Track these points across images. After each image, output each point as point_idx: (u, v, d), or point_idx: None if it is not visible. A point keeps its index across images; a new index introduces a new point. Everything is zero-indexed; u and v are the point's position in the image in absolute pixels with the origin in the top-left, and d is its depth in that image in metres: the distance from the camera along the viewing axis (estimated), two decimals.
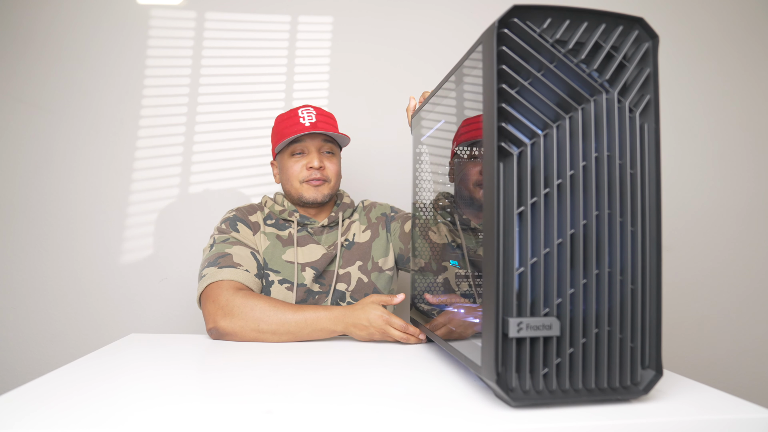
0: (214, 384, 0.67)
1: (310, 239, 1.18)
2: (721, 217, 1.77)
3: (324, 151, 1.19)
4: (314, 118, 1.16)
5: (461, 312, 0.78)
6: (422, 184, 0.98)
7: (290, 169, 1.18)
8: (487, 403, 0.58)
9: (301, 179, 1.17)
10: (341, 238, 1.20)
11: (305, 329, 0.95)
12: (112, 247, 1.57)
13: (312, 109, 1.19)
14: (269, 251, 1.15)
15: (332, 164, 1.19)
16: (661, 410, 0.56)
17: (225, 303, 0.96)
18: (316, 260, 1.15)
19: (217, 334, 0.96)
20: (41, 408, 0.55)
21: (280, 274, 1.13)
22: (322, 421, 0.53)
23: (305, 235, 1.18)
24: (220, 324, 0.95)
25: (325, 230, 1.21)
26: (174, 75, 1.62)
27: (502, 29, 0.55)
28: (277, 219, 1.20)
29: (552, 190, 0.55)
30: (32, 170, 1.56)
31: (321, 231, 1.20)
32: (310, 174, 1.16)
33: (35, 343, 1.54)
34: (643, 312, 0.57)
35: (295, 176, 1.17)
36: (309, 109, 1.19)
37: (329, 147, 1.20)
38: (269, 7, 1.65)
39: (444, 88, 0.82)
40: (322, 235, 1.20)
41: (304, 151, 1.18)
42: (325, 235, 1.20)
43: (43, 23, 1.58)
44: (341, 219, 1.22)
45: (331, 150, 1.20)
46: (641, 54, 0.58)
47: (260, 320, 0.94)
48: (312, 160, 1.16)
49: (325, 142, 1.19)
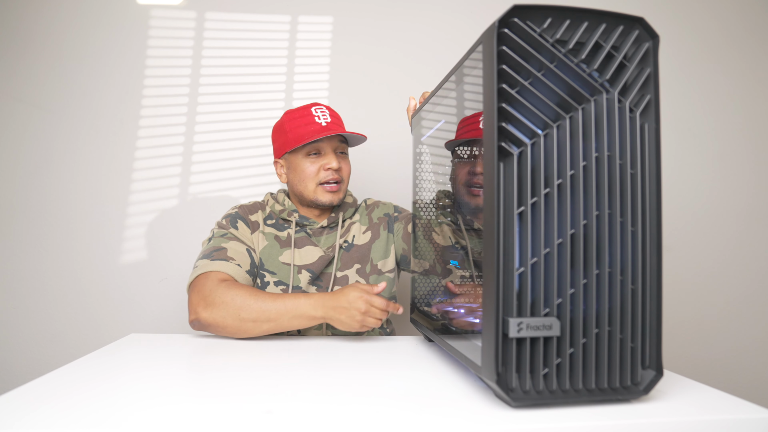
0: (214, 384, 0.67)
1: (308, 241, 1.17)
2: (721, 217, 1.77)
3: (339, 151, 1.18)
4: (329, 117, 1.15)
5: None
6: (422, 184, 0.98)
7: (306, 170, 1.15)
8: (487, 403, 0.58)
9: (318, 181, 1.15)
10: (340, 240, 1.18)
11: (285, 316, 0.93)
12: (112, 247, 1.57)
13: (324, 108, 1.17)
14: (266, 252, 1.14)
15: (346, 165, 1.18)
16: (661, 410, 0.56)
17: (208, 293, 0.95)
18: (313, 263, 1.14)
19: (198, 326, 0.95)
20: (41, 408, 0.55)
21: (276, 275, 1.13)
22: (322, 421, 0.53)
23: (303, 237, 1.17)
24: (201, 315, 0.94)
25: (325, 231, 1.19)
26: (174, 75, 1.62)
27: (503, 29, 0.55)
28: (277, 219, 1.19)
29: (552, 190, 0.55)
30: (32, 170, 1.56)
31: (321, 232, 1.19)
32: (328, 175, 1.14)
33: (35, 343, 1.54)
34: (643, 312, 0.57)
35: (311, 178, 1.15)
36: (322, 108, 1.17)
37: (343, 147, 1.19)
38: (269, 7, 1.65)
39: (444, 88, 0.82)
40: (322, 236, 1.19)
41: (320, 151, 1.15)
42: (325, 236, 1.19)
43: (43, 23, 1.58)
44: (341, 220, 1.20)
45: (344, 150, 1.19)
46: (641, 54, 0.58)
47: (241, 309, 0.93)
48: (330, 161, 1.14)
49: (340, 143, 1.18)
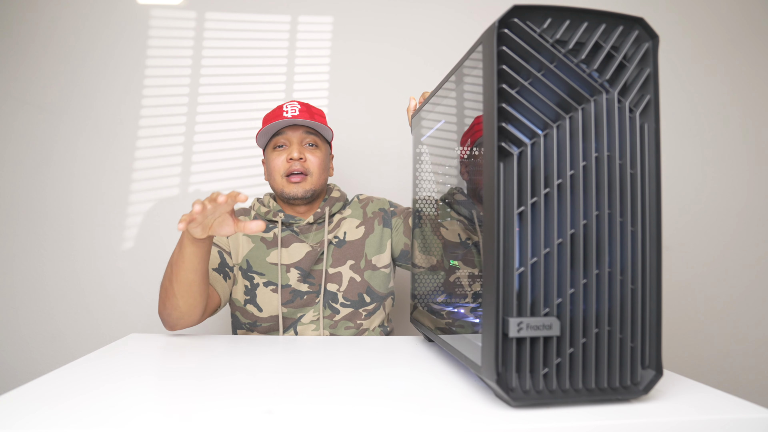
0: (214, 384, 0.67)
1: (295, 239, 1.16)
2: (721, 217, 1.77)
3: (306, 143, 1.16)
4: (297, 111, 1.14)
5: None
6: (422, 184, 0.98)
7: (272, 162, 1.15)
8: (487, 403, 0.58)
9: (283, 173, 1.14)
10: (330, 235, 1.17)
11: (176, 255, 0.93)
12: (112, 247, 1.57)
13: (297, 103, 1.17)
14: (253, 254, 1.14)
15: (315, 157, 1.15)
16: (661, 410, 0.56)
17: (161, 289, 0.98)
18: (300, 260, 1.13)
19: (169, 327, 0.98)
20: (41, 408, 0.55)
21: (265, 276, 1.12)
22: (322, 421, 0.53)
23: (290, 235, 1.16)
24: (162, 318, 0.98)
25: (313, 227, 1.18)
26: (174, 75, 1.62)
27: (503, 29, 0.55)
28: (261, 220, 1.18)
29: (552, 190, 0.55)
30: (33, 170, 1.56)
31: (309, 228, 1.17)
32: (291, 166, 1.13)
33: (35, 343, 1.54)
34: (643, 312, 0.57)
35: (277, 170, 1.15)
36: (293, 103, 1.16)
37: (312, 139, 1.16)
38: (269, 7, 1.65)
39: (444, 88, 0.82)
40: (310, 233, 1.17)
41: (286, 143, 1.15)
42: (314, 232, 1.17)
43: (44, 23, 1.58)
44: (328, 215, 1.18)
45: (314, 142, 1.17)
46: (641, 54, 0.58)
47: (163, 278, 0.97)
48: (292, 151, 1.13)
49: (308, 134, 1.16)
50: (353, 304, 1.15)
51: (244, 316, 1.15)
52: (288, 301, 1.13)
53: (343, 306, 1.14)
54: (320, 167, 1.16)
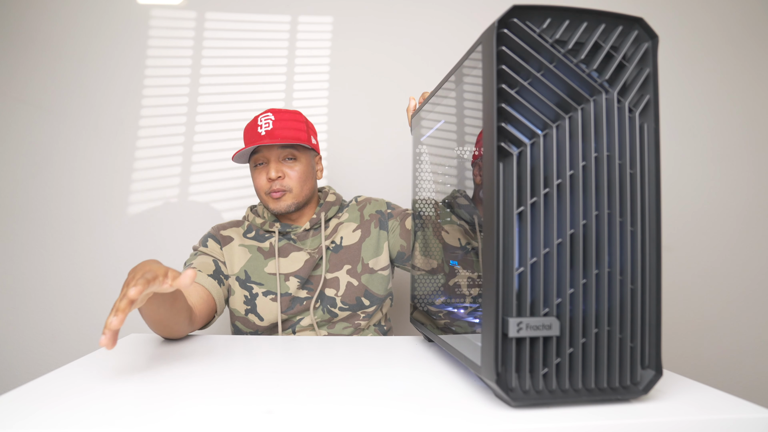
0: (213, 384, 0.67)
1: (293, 247, 1.15)
2: (721, 217, 1.77)
3: (284, 158, 1.14)
4: (270, 125, 1.11)
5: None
6: (422, 185, 0.98)
7: (255, 181, 1.16)
8: (487, 403, 0.59)
9: (265, 191, 1.14)
10: (327, 241, 1.17)
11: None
12: (112, 247, 1.58)
13: (270, 114, 1.13)
14: (251, 264, 1.14)
15: (293, 171, 1.13)
16: (661, 410, 0.56)
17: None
18: (300, 268, 1.13)
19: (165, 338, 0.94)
20: (41, 408, 0.55)
21: (264, 286, 1.12)
22: (322, 421, 0.53)
23: (287, 244, 1.15)
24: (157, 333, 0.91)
25: (310, 233, 1.17)
26: (174, 75, 1.62)
27: (502, 29, 0.55)
28: (257, 230, 1.18)
29: (552, 190, 0.55)
30: (33, 170, 1.57)
31: (305, 235, 1.17)
32: (271, 186, 1.13)
33: (35, 343, 1.54)
34: (642, 312, 0.57)
35: (261, 188, 1.15)
36: (267, 116, 1.13)
37: (289, 153, 1.14)
38: (269, 7, 1.65)
39: (444, 88, 0.82)
40: (307, 240, 1.17)
41: (264, 161, 1.14)
42: (310, 238, 1.17)
43: (44, 24, 1.58)
44: (323, 220, 1.18)
45: (292, 156, 1.14)
46: (641, 54, 0.58)
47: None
48: (269, 171, 1.12)
49: (284, 149, 1.13)
50: (352, 308, 1.15)
51: (245, 326, 1.15)
52: (288, 308, 1.13)
53: (341, 310, 1.15)
54: (300, 180, 1.14)
